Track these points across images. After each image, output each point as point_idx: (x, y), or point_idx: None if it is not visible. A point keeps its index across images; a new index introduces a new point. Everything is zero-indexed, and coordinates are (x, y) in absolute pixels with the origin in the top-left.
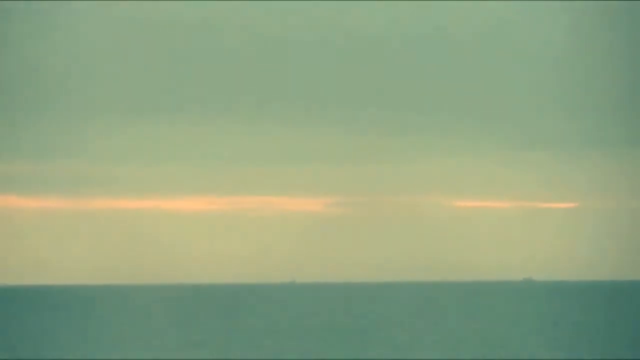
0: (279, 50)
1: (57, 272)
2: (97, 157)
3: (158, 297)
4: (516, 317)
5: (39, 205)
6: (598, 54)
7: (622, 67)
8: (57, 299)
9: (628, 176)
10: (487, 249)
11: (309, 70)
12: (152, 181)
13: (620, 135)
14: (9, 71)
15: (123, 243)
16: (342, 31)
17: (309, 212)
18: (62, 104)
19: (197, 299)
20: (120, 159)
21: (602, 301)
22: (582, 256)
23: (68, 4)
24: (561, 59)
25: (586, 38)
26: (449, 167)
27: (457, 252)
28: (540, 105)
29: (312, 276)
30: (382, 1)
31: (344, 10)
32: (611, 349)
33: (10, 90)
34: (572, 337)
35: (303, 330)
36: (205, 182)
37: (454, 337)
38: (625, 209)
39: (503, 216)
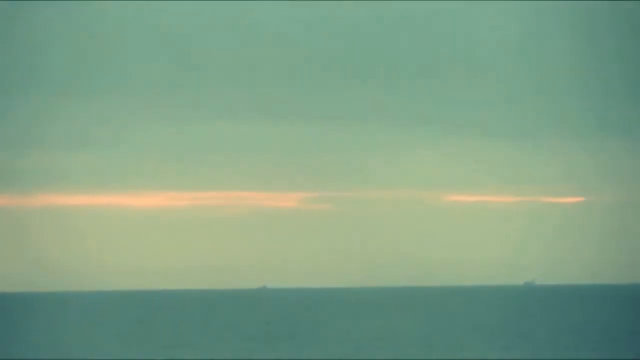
0: (247, 39)
1: None
2: (42, 147)
3: (109, 306)
4: (514, 330)
5: None
6: (608, 48)
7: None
8: None
9: None
10: (483, 249)
11: (284, 55)
12: (98, 174)
13: (637, 120)
14: None
15: (59, 245)
16: (319, 19)
17: (282, 209)
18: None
19: (143, 308)
20: (69, 149)
21: (614, 307)
22: (591, 257)
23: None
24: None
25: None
26: (441, 158)
27: (450, 252)
28: (540, 87)
29: (286, 281)
30: None
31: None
32: None
33: None
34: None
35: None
36: (162, 176)
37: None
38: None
39: (502, 212)
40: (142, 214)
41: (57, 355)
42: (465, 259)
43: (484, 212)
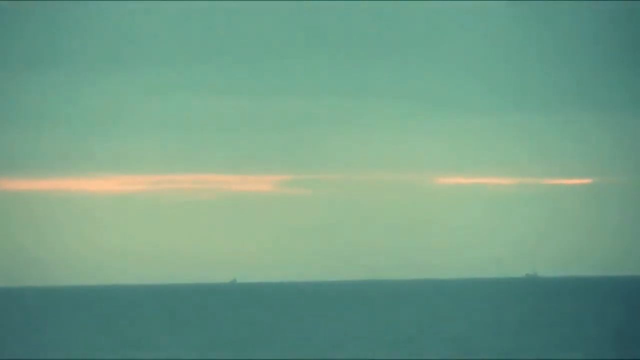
0: (215, 14)
1: None
2: None
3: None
4: (515, 327)
5: None
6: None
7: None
8: None
9: None
10: (480, 238)
11: (260, 28)
12: (42, 155)
13: None
14: None
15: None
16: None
17: (255, 194)
18: None
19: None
20: (22, 129)
21: (628, 303)
22: (601, 246)
23: None
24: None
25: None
26: (432, 136)
27: (443, 241)
28: (544, 53)
29: (258, 274)
30: None
31: None
32: None
33: None
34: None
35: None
36: (123, 157)
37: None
38: None
39: (500, 196)
40: (92, 200)
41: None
42: (459, 248)
43: (481, 195)
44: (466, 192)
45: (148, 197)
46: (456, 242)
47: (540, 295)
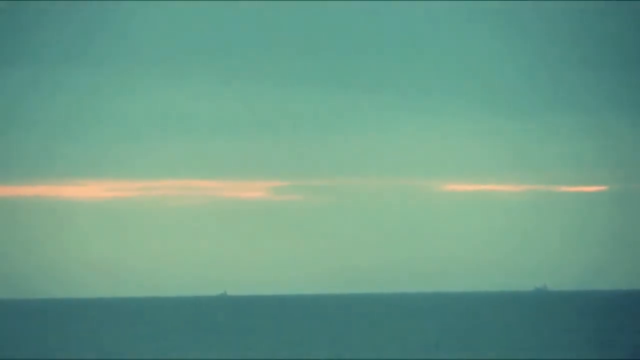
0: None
1: None
2: None
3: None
4: (524, 347)
5: None
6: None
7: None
8: None
9: None
10: (486, 249)
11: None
12: (31, 161)
13: None
14: None
15: None
16: None
17: (247, 201)
18: None
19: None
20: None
21: None
22: (615, 258)
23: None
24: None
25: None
26: (435, 140)
27: (446, 252)
28: (556, 54)
29: (250, 287)
30: None
31: None
32: None
33: None
34: None
35: None
36: (106, 161)
37: None
38: None
39: (508, 204)
40: (72, 208)
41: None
42: (464, 260)
43: (487, 203)
44: (472, 199)
45: (133, 204)
46: (460, 254)
47: (549, 311)
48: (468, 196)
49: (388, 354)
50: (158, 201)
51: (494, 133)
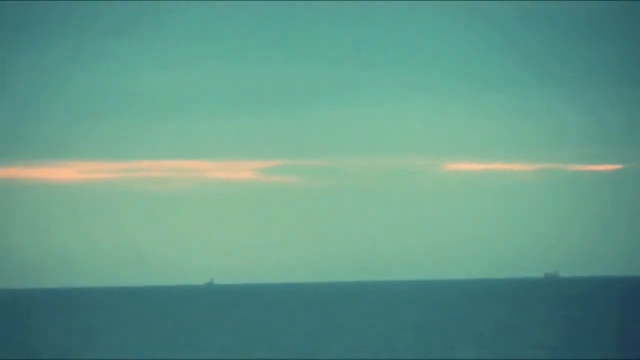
0: None
1: None
2: None
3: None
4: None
5: None
6: None
7: None
8: None
9: None
10: (494, 232)
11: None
12: (6, 141)
13: None
14: None
15: None
16: None
17: (234, 182)
18: None
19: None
20: None
21: None
22: (630, 242)
23: None
24: None
25: None
26: (440, 115)
27: (452, 236)
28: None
29: (238, 275)
30: None
31: None
32: None
33: None
34: None
35: None
36: (83, 140)
37: None
38: None
39: (518, 184)
40: (46, 190)
41: None
42: (471, 244)
43: (495, 184)
44: (478, 179)
45: (112, 187)
46: (466, 238)
47: (559, 299)
48: (474, 176)
49: (392, 348)
50: (137, 184)
51: (503, 108)
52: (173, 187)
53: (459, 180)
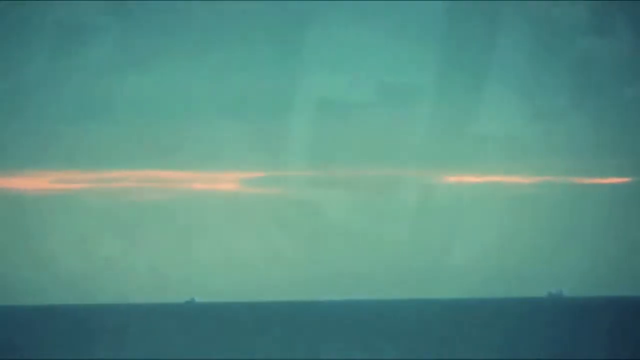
0: None
1: None
2: None
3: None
4: None
5: None
6: None
7: None
8: None
9: None
10: (494, 248)
11: None
12: None
13: None
14: None
15: None
16: None
17: (216, 193)
18: None
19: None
20: None
21: None
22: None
23: None
24: None
25: None
26: (438, 124)
27: (449, 252)
28: (571, 22)
29: (221, 292)
30: None
31: None
32: None
33: None
34: None
35: None
36: (53, 148)
37: None
38: None
39: (518, 197)
40: (11, 202)
41: None
42: (470, 261)
43: (495, 197)
44: (478, 192)
45: (85, 198)
46: (464, 254)
47: (565, 322)
48: (473, 189)
49: None
50: (114, 194)
51: (504, 116)
52: (151, 198)
53: (456, 193)
